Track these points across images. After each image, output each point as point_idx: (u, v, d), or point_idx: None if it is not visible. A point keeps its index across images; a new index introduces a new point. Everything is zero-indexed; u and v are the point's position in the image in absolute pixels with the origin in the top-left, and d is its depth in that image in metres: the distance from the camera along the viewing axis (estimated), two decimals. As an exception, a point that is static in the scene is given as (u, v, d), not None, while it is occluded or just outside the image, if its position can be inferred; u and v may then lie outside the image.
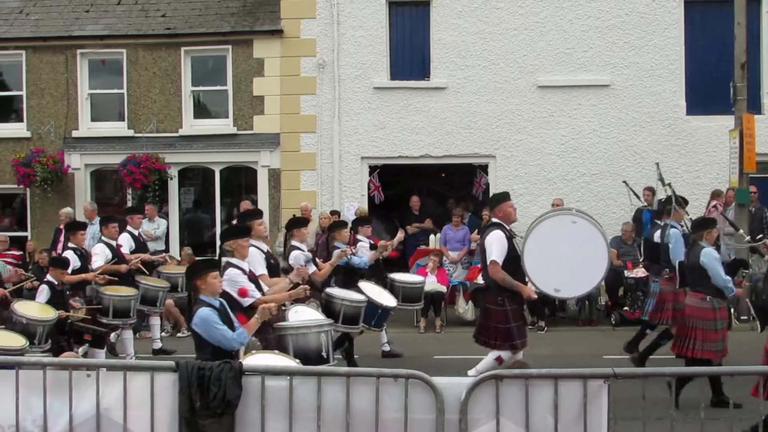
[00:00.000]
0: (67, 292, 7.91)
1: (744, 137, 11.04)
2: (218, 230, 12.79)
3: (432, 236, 12.27)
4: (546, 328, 10.84)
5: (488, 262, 6.56)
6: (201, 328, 4.91)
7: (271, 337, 5.63)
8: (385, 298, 8.16)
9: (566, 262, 6.48)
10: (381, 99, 12.68)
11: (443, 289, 11.16)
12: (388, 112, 12.67)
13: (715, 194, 11.66)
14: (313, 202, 12.51)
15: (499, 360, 6.60)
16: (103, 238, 8.95)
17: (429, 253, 11.64)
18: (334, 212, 12.11)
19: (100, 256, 8.64)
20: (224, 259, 6.02)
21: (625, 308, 11.11)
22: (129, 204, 12.75)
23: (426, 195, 13.43)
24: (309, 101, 12.76)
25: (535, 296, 6.76)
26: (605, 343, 9.95)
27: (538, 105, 12.52)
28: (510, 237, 6.68)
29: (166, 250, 12.25)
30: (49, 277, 7.73)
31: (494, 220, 6.90)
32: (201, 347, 4.94)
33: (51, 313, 7.08)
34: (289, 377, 4.14)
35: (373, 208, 12.76)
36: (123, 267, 8.72)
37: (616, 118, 12.49)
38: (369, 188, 12.81)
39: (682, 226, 8.57)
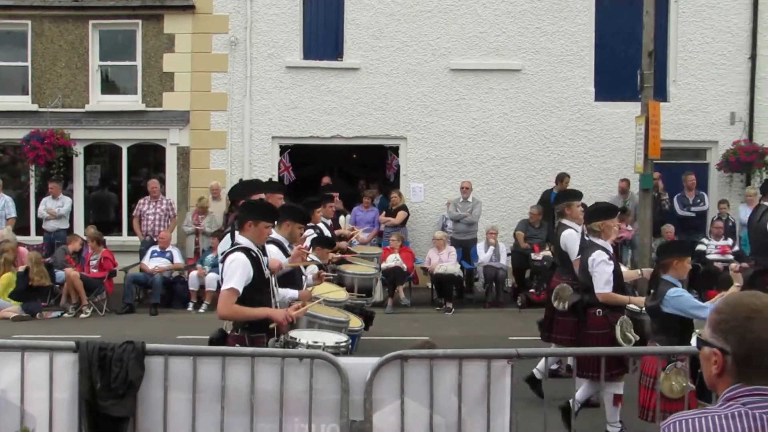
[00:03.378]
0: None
1: (650, 124, 15.06)
2: (125, 209, 16.62)
3: (342, 217, 16.20)
4: (453, 310, 14.49)
5: None
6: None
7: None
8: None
9: None
10: (293, 78, 16.61)
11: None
12: (300, 92, 16.59)
13: None
14: (223, 182, 16.31)
15: None
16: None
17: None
18: (242, 192, 15.99)
19: None
20: None
21: (531, 290, 15.07)
22: (32, 180, 16.52)
23: (337, 176, 17.37)
24: (220, 79, 16.62)
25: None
26: (511, 324, 13.39)
27: (449, 88, 16.57)
28: None
29: (71, 230, 16.01)
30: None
31: None
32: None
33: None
34: (192, 357, 5.15)
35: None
36: None
37: (527, 102, 16.59)
38: (279, 168, 16.72)
39: None
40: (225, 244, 6.62)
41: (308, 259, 7.86)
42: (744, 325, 2.39)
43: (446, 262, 14.81)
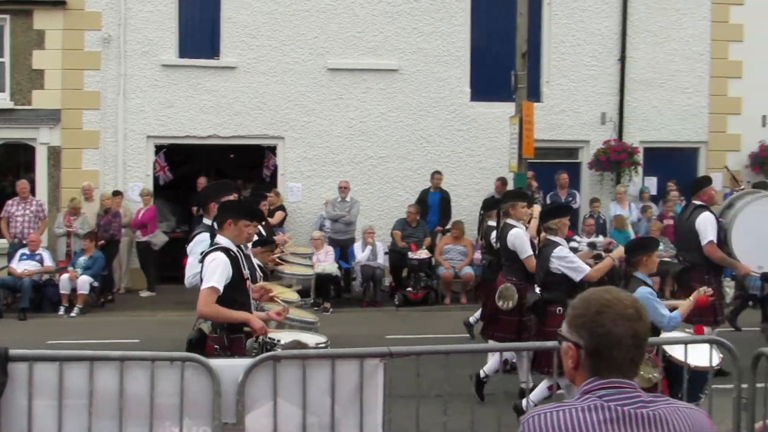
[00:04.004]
0: None
1: (524, 124, 16.18)
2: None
3: (219, 218, 16.91)
4: (331, 310, 15.20)
5: (705, 242, 9.77)
6: None
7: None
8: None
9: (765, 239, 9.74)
10: (169, 77, 17.21)
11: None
12: (175, 91, 17.20)
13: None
14: (96, 182, 16.82)
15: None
16: None
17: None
18: (116, 193, 16.55)
19: None
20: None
21: (409, 289, 16.02)
22: None
23: (214, 176, 18.03)
24: (93, 77, 17.09)
25: (754, 272, 10.36)
26: (388, 323, 14.30)
27: (327, 87, 17.42)
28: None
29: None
30: None
31: (698, 202, 10.08)
32: None
33: None
34: (58, 363, 5.22)
35: (158, 188, 17.32)
36: None
37: (404, 102, 17.58)
38: (155, 168, 17.32)
39: None
40: (198, 245, 6.90)
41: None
42: (595, 320, 2.57)
43: (324, 261, 15.58)
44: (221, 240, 6.42)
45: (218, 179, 18.48)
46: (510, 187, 16.49)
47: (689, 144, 18.46)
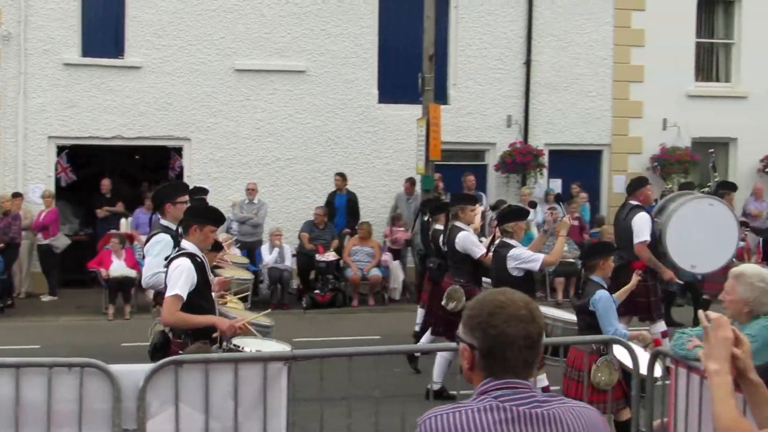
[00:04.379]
0: None
1: (430, 126, 16.78)
2: None
3: (123, 220, 17.18)
4: None
5: (637, 242, 10.34)
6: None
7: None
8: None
9: (702, 241, 10.38)
10: (71, 76, 17.38)
11: (132, 273, 15.86)
12: (78, 91, 17.37)
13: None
14: (-5, 183, 16.96)
15: (664, 334, 10.23)
16: None
17: (119, 237, 16.52)
18: (16, 194, 16.66)
19: None
20: None
21: (316, 291, 16.49)
22: None
23: (118, 177, 18.29)
24: (-8, 76, 17.20)
25: (676, 280, 11.12)
26: (295, 326, 14.52)
27: (234, 88, 17.81)
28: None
29: None
30: None
31: (635, 202, 10.72)
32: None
33: None
34: None
35: (60, 190, 17.49)
36: None
37: (311, 103, 18.08)
38: (56, 169, 17.47)
39: None
40: (156, 245, 7.11)
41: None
42: (488, 321, 2.64)
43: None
44: (187, 245, 6.56)
45: (122, 181, 18.85)
46: (418, 188, 17.15)
47: (593, 146, 19.38)
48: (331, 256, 16.59)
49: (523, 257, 8.81)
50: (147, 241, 7.49)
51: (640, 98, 19.28)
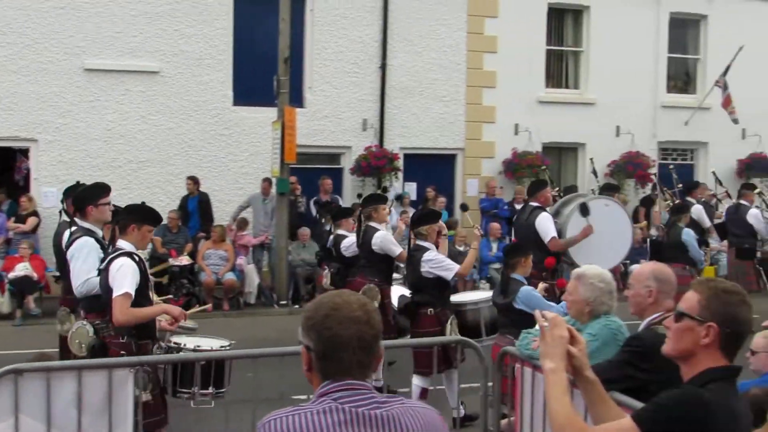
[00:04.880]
0: None
1: (285, 129, 17.37)
2: None
3: (-34, 223, 17.16)
4: None
5: (548, 240, 11.01)
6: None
7: None
8: None
9: (598, 240, 11.13)
10: None
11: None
12: None
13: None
14: None
15: None
16: None
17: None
18: None
19: None
20: None
21: (170, 296, 16.85)
22: None
23: (-41, 180, 18.21)
24: None
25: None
26: None
27: (84, 89, 18.00)
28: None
29: None
30: None
31: (536, 203, 11.38)
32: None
33: None
34: None
35: None
36: None
37: (165, 105, 18.45)
38: None
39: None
40: (82, 249, 7.11)
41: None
42: (322, 323, 2.76)
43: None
44: (124, 245, 6.72)
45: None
46: (273, 190, 17.70)
47: (447, 150, 20.44)
48: (184, 260, 16.95)
49: (438, 262, 9.28)
50: (69, 245, 7.43)
51: (492, 103, 20.42)
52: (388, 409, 2.77)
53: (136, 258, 6.70)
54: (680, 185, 17.58)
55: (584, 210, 11.53)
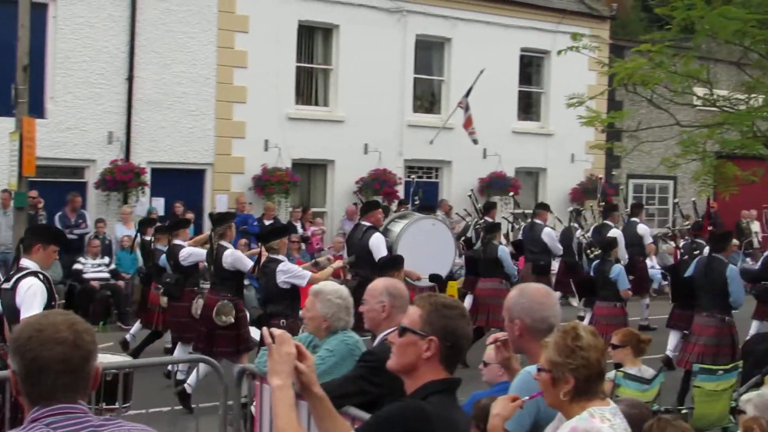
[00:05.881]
0: None
1: (24, 141, 16.96)
2: None
3: None
4: None
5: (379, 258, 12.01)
6: None
7: None
8: None
9: (426, 254, 12.22)
10: None
11: None
12: None
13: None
14: None
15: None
16: None
17: None
18: None
19: None
20: None
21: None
22: None
23: None
24: None
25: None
26: None
27: None
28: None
29: None
30: None
31: (368, 223, 12.69)
32: None
33: None
34: None
35: None
36: None
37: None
38: None
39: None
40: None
41: None
42: (25, 345, 2.72)
43: None
44: (29, 264, 7.06)
45: None
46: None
47: (196, 165, 20.69)
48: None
49: (292, 272, 10.28)
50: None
51: (243, 119, 20.90)
52: None
53: (41, 277, 7.05)
54: (417, 201, 18.76)
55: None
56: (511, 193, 22.48)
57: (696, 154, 10.60)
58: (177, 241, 12.73)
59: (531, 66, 25.90)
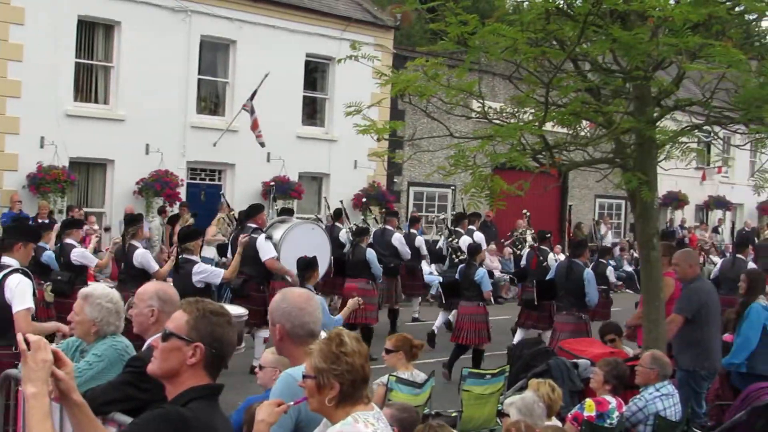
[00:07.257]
0: None
1: None
2: None
3: None
4: None
5: (267, 258, 13.41)
6: None
7: None
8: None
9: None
10: None
11: None
12: None
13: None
14: None
15: (266, 340, 12.57)
16: None
17: None
18: None
19: None
20: None
21: None
22: None
23: None
24: None
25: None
26: None
27: None
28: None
29: None
30: None
31: (254, 225, 13.81)
32: None
33: None
34: None
35: None
36: None
37: None
38: None
39: None
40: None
41: None
42: None
43: None
44: (11, 261, 7.60)
45: None
46: None
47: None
48: None
49: (206, 272, 11.43)
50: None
51: (17, 114, 20.52)
52: None
53: (24, 273, 7.56)
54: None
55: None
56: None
57: (465, 166, 11.46)
58: (69, 240, 13.68)
59: (316, 72, 26.77)
